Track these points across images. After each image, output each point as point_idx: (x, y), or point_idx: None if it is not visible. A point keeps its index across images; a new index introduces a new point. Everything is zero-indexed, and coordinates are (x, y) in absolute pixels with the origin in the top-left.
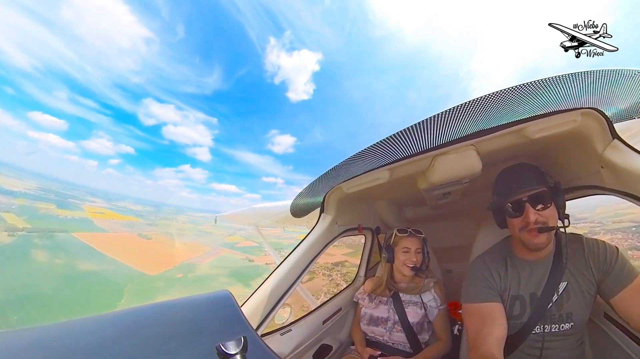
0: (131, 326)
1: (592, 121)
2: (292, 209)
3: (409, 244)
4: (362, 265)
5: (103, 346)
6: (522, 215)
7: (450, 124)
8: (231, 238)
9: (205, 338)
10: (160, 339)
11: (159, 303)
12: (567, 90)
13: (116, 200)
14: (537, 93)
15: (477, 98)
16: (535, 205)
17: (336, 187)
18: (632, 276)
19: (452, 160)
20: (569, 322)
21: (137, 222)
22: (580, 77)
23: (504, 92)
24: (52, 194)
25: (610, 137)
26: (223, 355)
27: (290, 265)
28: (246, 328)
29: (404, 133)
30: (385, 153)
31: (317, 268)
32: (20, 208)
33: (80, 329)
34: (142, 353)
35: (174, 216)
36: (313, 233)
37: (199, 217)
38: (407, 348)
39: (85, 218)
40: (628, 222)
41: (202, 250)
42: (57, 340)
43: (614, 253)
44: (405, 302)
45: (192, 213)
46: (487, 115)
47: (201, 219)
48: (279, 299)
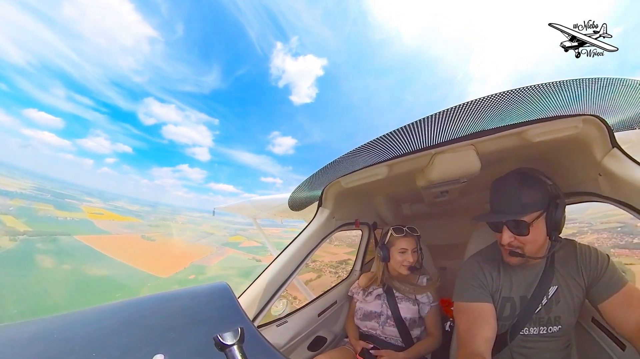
0: (130, 317)
1: (593, 128)
2: (290, 202)
3: (406, 245)
4: (357, 260)
5: (103, 336)
6: (500, 233)
7: (451, 123)
8: (233, 238)
9: (203, 329)
10: (159, 329)
11: (157, 294)
12: (570, 96)
13: (112, 199)
14: (539, 97)
15: (479, 98)
16: (513, 231)
17: (335, 181)
18: (621, 284)
19: (451, 158)
20: (557, 325)
21: (137, 223)
22: (584, 84)
23: (506, 93)
24: (48, 194)
25: (610, 146)
26: (220, 346)
27: (287, 257)
28: (243, 320)
29: (404, 129)
30: (385, 149)
31: (323, 266)
32: (18, 210)
33: (79, 321)
34: (141, 343)
35: (172, 217)
36: (310, 226)
37: (197, 217)
38: (399, 342)
39: (85, 220)
40: (615, 223)
41: (208, 251)
42: (57, 332)
43: (605, 260)
44: (398, 298)
45: (189, 213)
46: (488, 116)
47: (200, 219)
48: (276, 292)
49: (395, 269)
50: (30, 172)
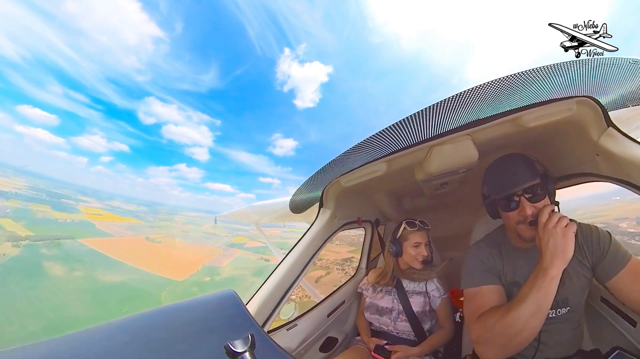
0: (140, 331)
1: (587, 109)
2: (291, 205)
3: (420, 239)
4: (363, 258)
5: (113, 353)
6: (517, 208)
7: (446, 114)
8: (236, 239)
9: (213, 338)
10: (169, 342)
11: (165, 306)
12: (563, 79)
13: (107, 199)
14: (532, 82)
15: (472, 87)
16: (531, 199)
17: (334, 181)
18: (626, 259)
19: (448, 150)
20: (565, 307)
21: (138, 224)
22: (575, 66)
23: (499, 80)
24: (43, 194)
25: (605, 125)
26: (232, 354)
27: (292, 260)
28: (253, 326)
29: (400, 124)
30: (382, 145)
31: (330, 264)
32: (16, 212)
33: (89, 340)
34: (152, 356)
35: (171, 217)
36: (313, 227)
37: (195, 217)
38: (412, 337)
39: (85, 221)
40: (599, 223)
41: (215, 252)
42: (68, 352)
43: (607, 238)
44: (409, 292)
45: (186, 213)
46: (482, 105)
47: (198, 219)
48: (284, 295)
49: (407, 263)
50: (22, 170)
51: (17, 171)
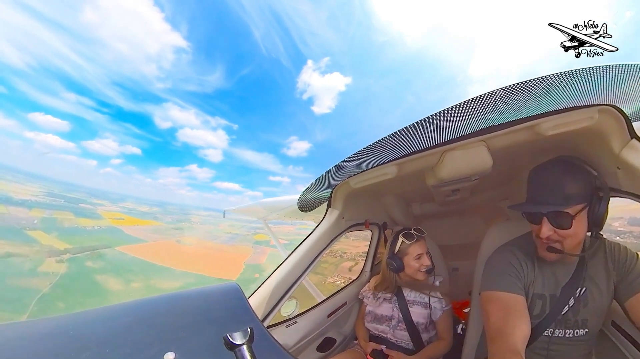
0: (143, 315)
1: (610, 119)
2: (300, 203)
3: (420, 249)
4: (367, 260)
5: (116, 334)
6: (537, 225)
7: (460, 119)
8: (258, 236)
9: (213, 328)
10: (170, 328)
11: (169, 294)
12: (584, 86)
13: (119, 200)
14: (552, 88)
15: (488, 92)
16: (554, 223)
17: (343, 182)
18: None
19: (461, 156)
20: (584, 328)
21: (160, 227)
22: (597, 72)
23: (516, 86)
24: (61, 199)
25: (629, 137)
26: (230, 345)
27: (297, 258)
28: (253, 320)
29: (412, 127)
30: (394, 148)
31: (354, 256)
32: (43, 223)
33: (93, 319)
34: (153, 340)
35: (187, 217)
36: (320, 227)
37: (206, 216)
38: (410, 346)
39: (112, 227)
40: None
41: (247, 250)
42: (72, 329)
43: (634, 257)
44: (409, 302)
45: (198, 212)
46: (499, 111)
47: (209, 218)
48: (286, 292)
49: (410, 276)
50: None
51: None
